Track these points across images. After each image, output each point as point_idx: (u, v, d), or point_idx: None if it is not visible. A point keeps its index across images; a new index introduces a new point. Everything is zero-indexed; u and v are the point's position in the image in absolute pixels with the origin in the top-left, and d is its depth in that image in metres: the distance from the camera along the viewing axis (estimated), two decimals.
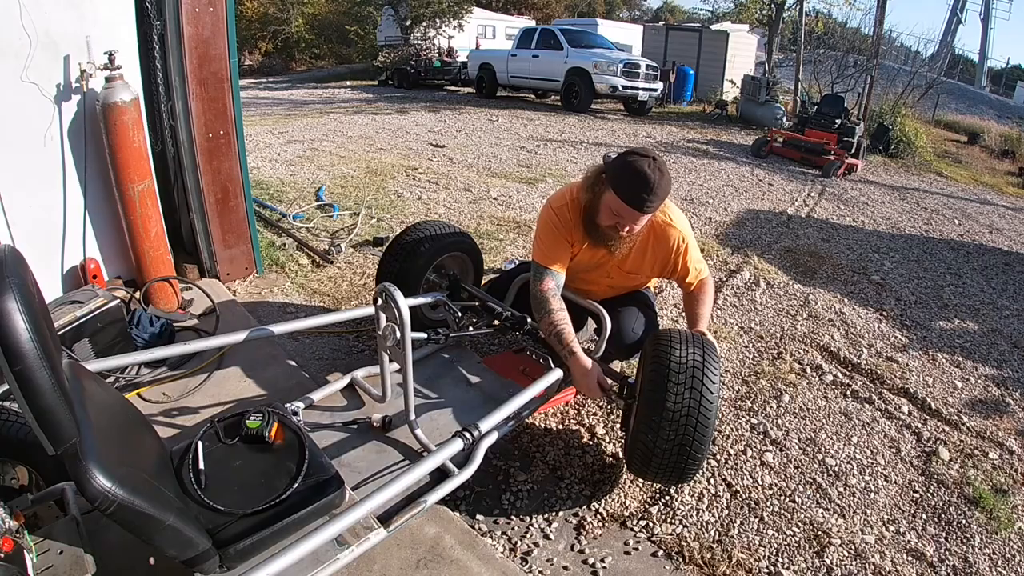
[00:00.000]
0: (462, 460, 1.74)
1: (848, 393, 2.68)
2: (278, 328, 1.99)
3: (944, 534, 1.96)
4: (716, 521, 1.92)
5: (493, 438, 1.88)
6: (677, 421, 1.67)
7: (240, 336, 1.90)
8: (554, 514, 1.89)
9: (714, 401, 1.68)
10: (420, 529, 1.71)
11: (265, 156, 6.31)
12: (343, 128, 8.39)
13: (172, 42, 2.63)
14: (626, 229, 1.91)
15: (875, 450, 2.33)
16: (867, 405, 2.61)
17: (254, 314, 2.90)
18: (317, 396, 2.03)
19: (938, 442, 2.41)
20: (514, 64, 12.61)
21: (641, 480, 2.00)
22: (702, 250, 4.24)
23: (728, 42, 13.96)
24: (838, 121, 7.96)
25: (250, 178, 3.30)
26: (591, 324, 2.39)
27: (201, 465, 1.40)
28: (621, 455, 2.10)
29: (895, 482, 2.17)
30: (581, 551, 1.77)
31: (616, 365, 2.56)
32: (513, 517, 1.87)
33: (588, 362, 1.90)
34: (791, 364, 2.87)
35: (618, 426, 2.23)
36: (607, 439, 2.24)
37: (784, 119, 10.15)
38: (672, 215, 2.07)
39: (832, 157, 7.41)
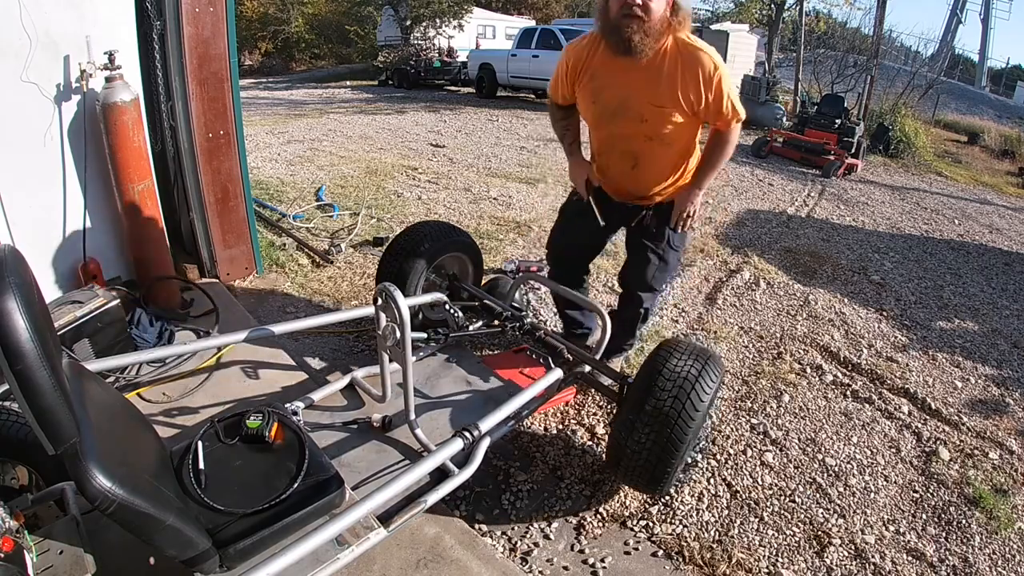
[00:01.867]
0: (462, 460, 1.74)
1: (848, 393, 2.68)
2: (278, 328, 1.99)
3: (944, 534, 1.96)
4: (716, 521, 1.92)
5: (493, 438, 1.88)
6: (652, 426, 1.67)
7: (240, 336, 1.90)
8: (554, 514, 1.89)
9: (696, 418, 1.66)
10: (420, 529, 1.71)
11: (265, 156, 6.31)
12: (343, 128, 8.39)
13: (172, 42, 2.63)
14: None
15: (875, 450, 2.33)
16: (867, 405, 2.61)
17: (254, 314, 2.90)
18: (317, 396, 2.03)
19: (938, 442, 2.41)
20: (514, 64, 12.60)
21: None
22: (701, 250, 4.25)
23: (728, 42, 13.89)
24: (838, 121, 7.95)
25: (250, 178, 3.30)
26: (597, 323, 2.37)
27: (201, 465, 1.40)
28: None
29: (895, 482, 2.17)
30: (581, 551, 1.77)
31: (616, 365, 2.56)
32: (513, 517, 1.87)
33: (579, 164, 2.18)
34: (791, 364, 2.87)
35: None
36: (607, 439, 2.24)
37: (784, 119, 10.14)
38: (701, 44, 1.91)
39: (832, 157, 7.41)
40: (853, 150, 7.66)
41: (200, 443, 1.45)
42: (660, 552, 1.79)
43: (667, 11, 1.83)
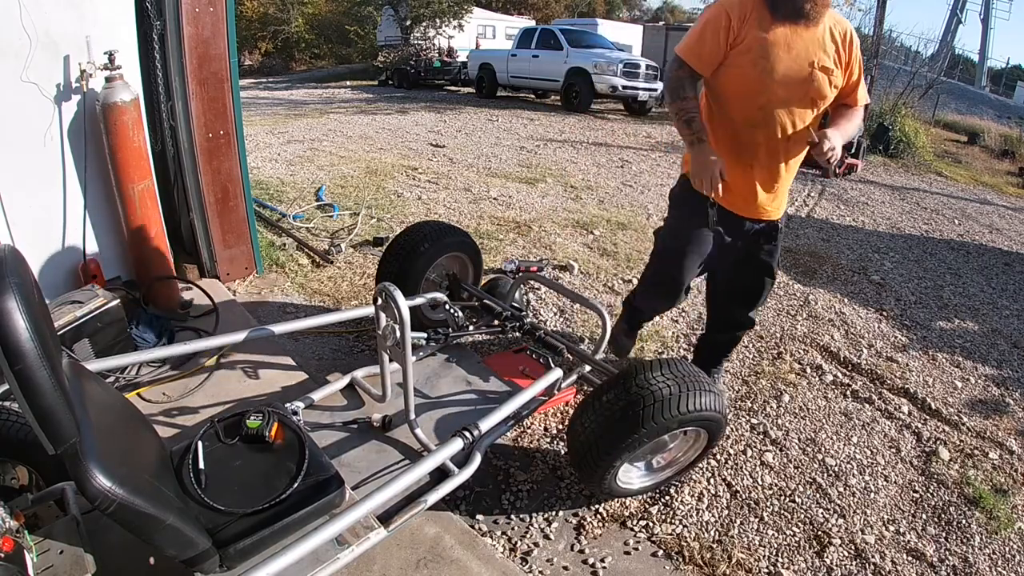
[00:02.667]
0: (462, 460, 1.74)
1: (848, 393, 2.68)
2: (278, 328, 1.99)
3: (944, 534, 1.96)
4: (716, 521, 1.92)
5: (493, 438, 1.88)
6: (598, 416, 1.70)
7: (240, 336, 1.90)
8: (554, 514, 1.89)
9: (636, 433, 1.63)
10: (420, 529, 1.71)
11: (265, 156, 6.31)
12: (343, 128, 8.39)
13: (172, 42, 2.63)
14: None
15: (875, 450, 2.33)
16: (867, 405, 2.61)
17: (254, 314, 2.90)
18: (317, 396, 2.03)
19: (938, 442, 2.41)
20: (514, 64, 12.61)
21: None
22: None
23: None
24: None
25: (250, 178, 3.30)
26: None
27: (201, 465, 1.41)
28: None
29: (895, 482, 2.17)
30: (581, 551, 1.77)
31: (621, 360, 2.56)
32: (513, 517, 1.87)
33: (712, 154, 1.78)
34: (791, 364, 2.87)
35: None
36: None
37: None
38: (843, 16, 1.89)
39: None
40: (853, 150, 7.66)
41: (200, 443, 1.45)
42: (660, 552, 1.79)
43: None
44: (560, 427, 2.28)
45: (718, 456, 2.20)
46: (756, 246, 2.12)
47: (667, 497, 1.98)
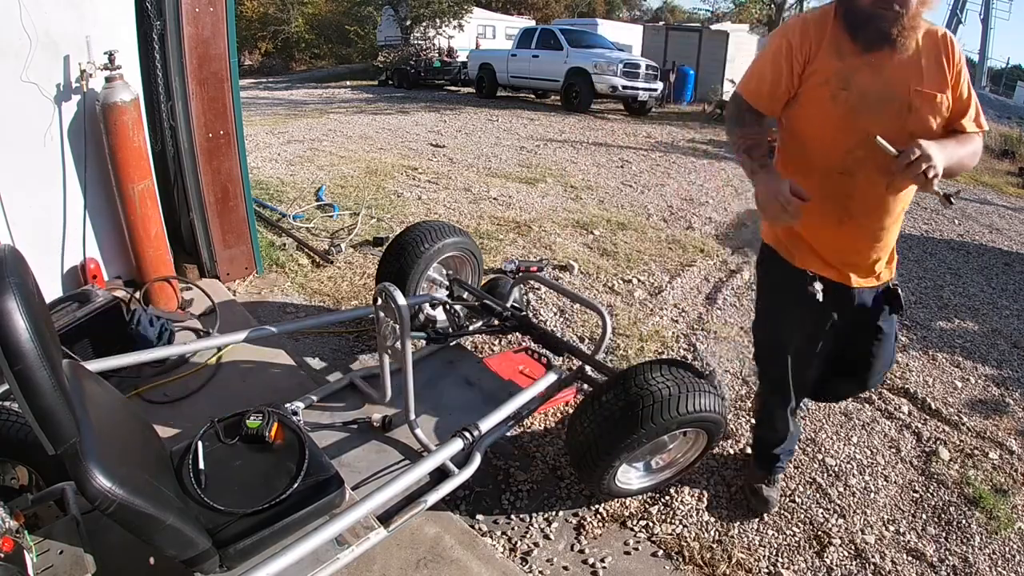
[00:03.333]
0: (462, 460, 1.74)
1: None
2: (278, 328, 1.99)
3: (944, 534, 1.96)
4: (716, 521, 1.92)
5: (493, 438, 1.88)
6: (597, 415, 1.70)
7: (240, 336, 1.90)
8: (554, 514, 1.89)
9: (636, 433, 1.64)
10: (420, 529, 1.71)
11: (265, 156, 6.31)
12: (343, 128, 8.39)
13: (172, 42, 2.63)
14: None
15: (875, 450, 2.33)
16: (867, 405, 2.61)
17: (254, 314, 2.90)
18: (317, 396, 2.03)
19: (938, 442, 2.40)
20: (514, 64, 12.62)
21: None
22: (701, 250, 4.25)
23: (728, 42, 13.97)
24: None
25: (250, 178, 3.30)
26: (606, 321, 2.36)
27: (201, 465, 1.41)
28: None
29: (895, 482, 2.17)
30: (581, 551, 1.77)
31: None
32: (513, 517, 1.87)
33: (779, 177, 1.44)
34: None
35: None
36: None
37: None
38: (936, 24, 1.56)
39: None
40: None
41: (200, 443, 1.45)
42: (660, 552, 1.79)
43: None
44: (560, 427, 2.28)
45: (718, 456, 2.20)
46: (866, 315, 1.72)
47: (667, 497, 1.98)
